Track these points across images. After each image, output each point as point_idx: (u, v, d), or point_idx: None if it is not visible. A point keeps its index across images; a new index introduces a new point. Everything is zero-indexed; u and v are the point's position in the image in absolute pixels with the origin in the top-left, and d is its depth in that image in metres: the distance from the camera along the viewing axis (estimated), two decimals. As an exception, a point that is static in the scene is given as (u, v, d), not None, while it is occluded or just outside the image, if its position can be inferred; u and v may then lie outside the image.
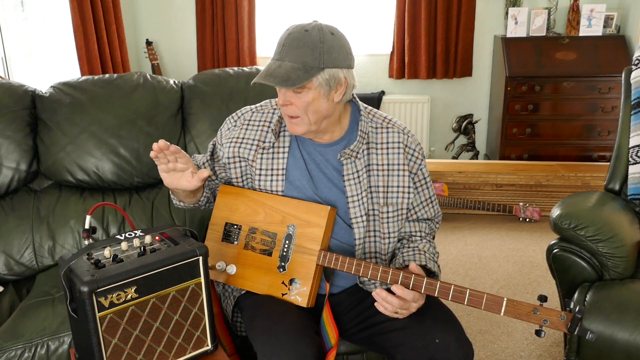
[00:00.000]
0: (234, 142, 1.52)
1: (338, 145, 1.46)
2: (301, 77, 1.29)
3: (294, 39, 1.31)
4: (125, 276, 1.13)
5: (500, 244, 3.21)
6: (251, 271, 1.45)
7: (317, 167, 1.47)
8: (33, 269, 1.91)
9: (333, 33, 1.33)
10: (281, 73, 1.30)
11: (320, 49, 1.30)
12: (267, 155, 1.48)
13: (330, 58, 1.31)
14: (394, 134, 1.48)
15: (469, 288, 1.24)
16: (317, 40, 1.30)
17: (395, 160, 1.47)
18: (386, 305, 1.29)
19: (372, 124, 1.49)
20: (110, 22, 3.61)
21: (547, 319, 1.18)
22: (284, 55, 1.31)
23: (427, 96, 4.26)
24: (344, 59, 1.34)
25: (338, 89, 1.35)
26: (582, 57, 3.83)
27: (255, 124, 1.53)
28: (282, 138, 1.49)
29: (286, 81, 1.29)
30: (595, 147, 3.89)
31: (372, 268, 1.33)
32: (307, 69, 1.29)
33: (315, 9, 4.28)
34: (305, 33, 1.30)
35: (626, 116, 2.06)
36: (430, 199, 1.55)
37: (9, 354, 1.52)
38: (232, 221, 1.51)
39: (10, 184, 1.94)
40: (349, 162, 1.45)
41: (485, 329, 2.37)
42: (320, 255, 1.38)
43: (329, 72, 1.31)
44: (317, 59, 1.29)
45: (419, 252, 1.46)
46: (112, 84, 2.05)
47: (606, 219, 1.77)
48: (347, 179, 1.45)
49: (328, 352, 1.36)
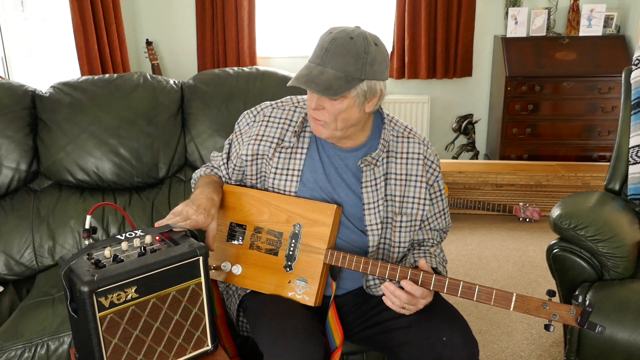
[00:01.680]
0: (254, 140, 1.49)
1: (359, 151, 1.45)
2: (342, 87, 1.26)
3: (339, 45, 1.27)
4: (125, 276, 1.13)
5: (500, 244, 3.21)
6: (257, 271, 1.45)
7: (336, 171, 1.46)
8: (33, 269, 1.91)
9: (377, 44, 1.30)
10: (323, 80, 1.26)
11: (364, 60, 1.27)
12: (285, 154, 1.47)
13: (372, 70, 1.28)
14: (414, 144, 1.48)
15: (478, 284, 1.24)
16: (362, 51, 1.27)
17: (413, 171, 1.46)
18: (394, 299, 1.29)
19: (394, 132, 1.48)
20: (110, 22, 3.61)
21: (557, 313, 1.18)
22: (327, 61, 1.27)
23: (427, 96, 4.26)
24: (384, 71, 1.32)
25: (372, 99, 1.34)
26: (582, 57, 3.83)
27: (276, 120, 1.50)
28: (302, 138, 1.48)
29: (328, 90, 1.26)
30: (595, 147, 3.89)
31: (380, 266, 1.33)
32: (349, 79, 1.27)
33: (315, 9, 4.28)
34: (350, 41, 1.26)
35: (626, 116, 2.06)
36: (444, 210, 1.55)
37: (9, 354, 1.52)
38: (236, 221, 1.50)
39: (10, 184, 1.94)
40: (368, 170, 1.44)
41: (485, 329, 2.37)
42: (328, 253, 1.38)
43: (368, 84, 1.29)
44: (359, 69, 1.27)
45: (430, 255, 1.47)
46: (112, 84, 2.05)
47: (606, 219, 1.77)
48: (365, 186, 1.44)
49: (333, 353, 1.35)
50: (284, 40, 4.35)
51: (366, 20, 4.29)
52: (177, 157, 2.04)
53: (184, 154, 2.06)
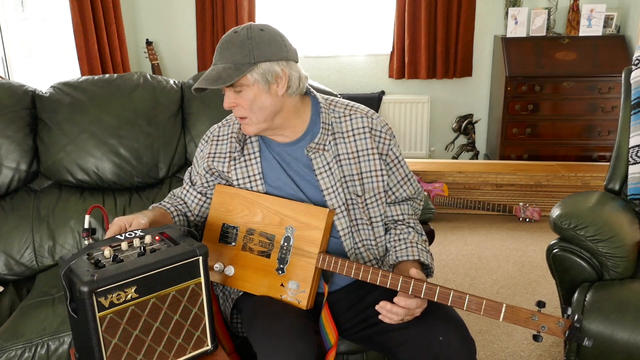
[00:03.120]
0: (207, 157, 1.55)
1: (303, 141, 1.46)
2: (232, 75, 1.31)
3: (225, 42, 1.34)
4: (125, 276, 1.13)
5: (500, 244, 3.21)
6: (249, 273, 1.45)
7: (288, 166, 1.48)
8: (33, 269, 1.91)
9: (262, 29, 1.34)
10: (213, 75, 1.33)
11: (249, 46, 1.31)
12: (240, 164, 1.50)
13: (260, 53, 1.32)
14: (357, 119, 1.47)
15: (468, 293, 1.23)
16: (245, 38, 1.32)
17: (363, 146, 1.46)
18: (392, 316, 1.28)
19: (335, 114, 1.48)
20: (110, 22, 3.61)
21: (545, 325, 1.18)
22: (217, 60, 1.35)
23: (427, 96, 4.27)
24: (278, 52, 1.34)
25: (279, 82, 1.35)
26: (582, 57, 3.83)
27: (224, 138, 1.55)
28: (249, 145, 1.50)
29: (217, 81, 1.31)
30: (595, 147, 3.89)
31: (371, 272, 1.32)
32: (238, 67, 1.31)
33: (315, 9, 4.28)
34: (234, 34, 1.34)
35: (626, 116, 2.06)
36: (407, 177, 1.54)
37: (9, 354, 1.52)
38: (229, 222, 1.50)
39: (10, 184, 1.94)
40: (317, 156, 1.44)
41: (485, 329, 2.37)
42: (320, 258, 1.37)
43: (263, 67, 1.32)
44: (246, 55, 1.31)
45: (411, 245, 1.46)
46: (112, 84, 2.05)
47: (606, 219, 1.77)
48: (319, 173, 1.44)
49: (327, 352, 1.36)
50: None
51: (366, 20, 4.29)
52: (177, 157, 2.04)
53: (184, 154, 2.07)
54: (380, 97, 4.26)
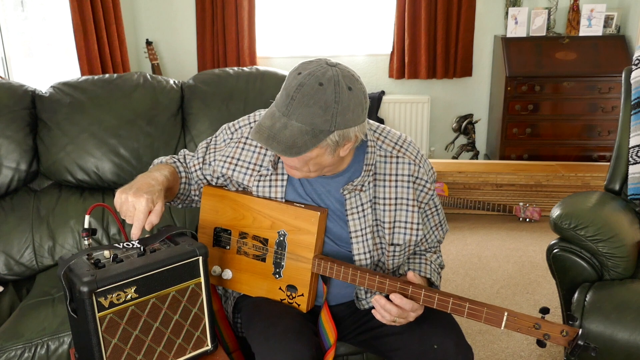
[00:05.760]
0: (228, 163, 1.42)
1: (342, 177, 1.36)
2: (308, 144, 1.15)
3: (305, 94, 1.13)
4: (125, 276, 1.13)
5: (500, 244, 3.21)
6: (248, 276, 1.43)
7: (319, 197, 1.38)
8: (33, 269, 1.91)
9: (351, 88, 1.16)
10: (286, 137, 1.14)
11: (334, 110, 1.14)
12: (264, 182, 1.39)
13: (343, 120, 1.15)
14: (404, 165, 1.36)
15: (468, 301, 1.19)
16: (332, 100, 1.13)
17: (404, 194, 1.36)
18: (384, 313, 1.25)
19: (381, 152, 1.36)
20: (110, 22, 3.61)
21: (549, 334, 1.14)
22: (292, 112, 1.14)
23: (427, 96, 4.26)
24: (359, 117, 1.18)
25: (346, 144, 1.21)
26: (582, 57, 3.83)
27: (252, 144, 1.41)
28: (280, 165, 1.38)
29: (291, 148, 1.15)
30: (595, 147, 3.89)
31: (368, 278, 1.28)
32: (316, 133, 1.15)
33: (315, 9, 4.27)
34: (319, 89, 1.13)
35: (626, 116, 2.06)
36: (440, 223, 1.48)
37: (9, 354, 1.52)
38: (220, 225, 1.46)
39: (10, 184, 1.94)
40: (352, 196, 1.34)
41: (486, 329, 2.37)
42: (315, 262, 1.34)
43: (339, 133, 1.17)
44: (328, 121, 1.14)
45: (426, 262, 1.42)
46: (112, 84, 2.05)
47: (606, 219, 1.77)
48: (351, 213, 1.35)
49: (327, 352, 1.35)
50: (284, 40, 4.35)
51: (366, 20, 4.29)
52: (177, 157, 2.05)
53: (183, 154, 2.07)
54: (380, 97, 4.26)
